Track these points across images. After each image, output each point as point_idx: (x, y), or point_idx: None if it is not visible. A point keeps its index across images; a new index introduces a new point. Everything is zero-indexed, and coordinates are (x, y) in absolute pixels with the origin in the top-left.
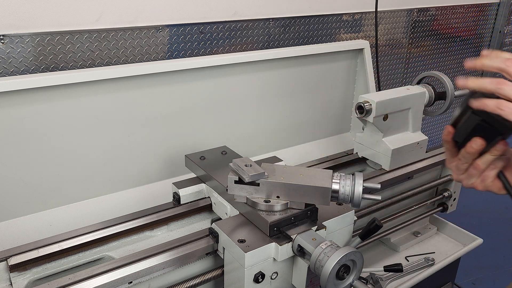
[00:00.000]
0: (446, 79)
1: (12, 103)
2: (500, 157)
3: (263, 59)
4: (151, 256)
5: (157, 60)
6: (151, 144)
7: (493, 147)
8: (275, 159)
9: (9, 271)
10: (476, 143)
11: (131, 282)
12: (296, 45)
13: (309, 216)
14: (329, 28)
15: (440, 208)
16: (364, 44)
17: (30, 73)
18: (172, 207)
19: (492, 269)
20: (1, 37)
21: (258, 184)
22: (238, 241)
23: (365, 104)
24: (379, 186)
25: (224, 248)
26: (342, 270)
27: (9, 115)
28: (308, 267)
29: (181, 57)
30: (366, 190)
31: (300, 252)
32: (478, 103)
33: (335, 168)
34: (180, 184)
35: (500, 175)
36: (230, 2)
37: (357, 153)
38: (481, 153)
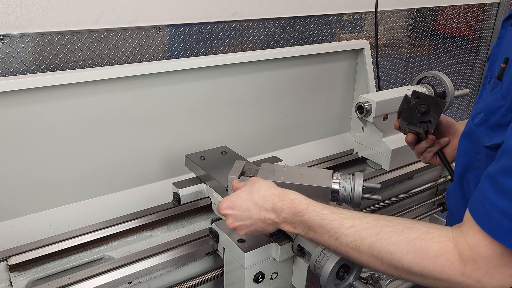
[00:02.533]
0: (446, 79)
1: (12, 103)
2: (437, 143)
3: (263, 59)
4: (151, 256)
5: (157, 60)
6: (151, 144)
7: (425, 139)
8: (275, 159)
9: (9, 271)
10: (408, 138)
11: (131, 282)
12: (296, 45)
13: None
14: (329, 28)
15: (440, 208)
16: (364, 44)
17: (30, 73)
18: (172, 207)
19: None
20: (1, 37)
21: None
22: (238, 241)
23: (365, 104)
24: (379, 186)
25: (224, 248)
26: (342, 270)
27: (9, 115)
28: (308, 267)
29: (181, 57)
30: (366, 190)
31: (300, 252)
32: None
33: (335, 168)
34: (180, 184)
35: (439, 153)
36: (230, 2)
37: (357, 153)
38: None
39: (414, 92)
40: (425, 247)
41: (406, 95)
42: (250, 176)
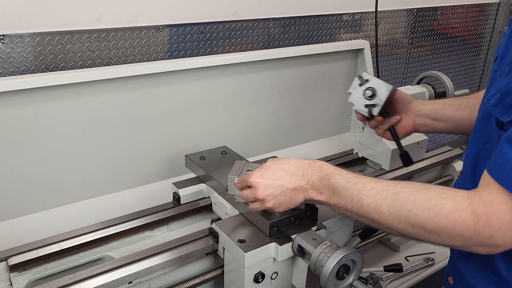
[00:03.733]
0: (446, 79)
1: (12, 103)
2: (388, 120)
3: (263, 59)
4: (151, 256)
5: (157, 60)
6: (151, 144)
7: (373, 119)
8: None
9: (9, 271)
10: (358, 117)
11: (131, 282)
12: (296, 45)
13: (309, 216)
14: (329, 28)
15: None
16: (364, 44)
17: (30, 73)
18: (172, 207)
19: None
20: (1, 37)
21: None
22: (238, 241)
23: None
24: None
25: (224, 248)
26: (342, 270)
27: (9, 115)
28: (308, 267)
29: (181, 57)
30: None
31: (300, 252)
32: None
33: None
34: (180, 184)
35: (390, 129)
36: (230, 2)
37: (357, 153)
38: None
39: (364, 74)
40: (440, 204)
41: (356, 77)
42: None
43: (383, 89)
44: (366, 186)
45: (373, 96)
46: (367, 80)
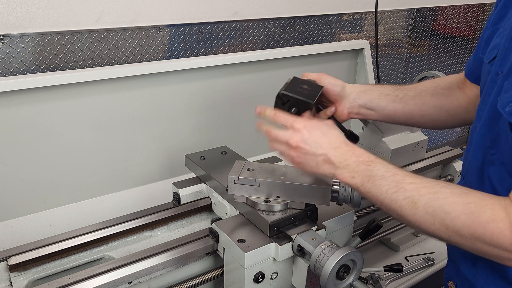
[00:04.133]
0: None
1: (12, 103)
2: (323, 113)
3: (263, 59)
4: (151, 256)
5: (157, 60)
6: (151, 144)
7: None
8: (275, 159)
9: (9, 271)
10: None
11: (131, 282)
12: (296, 45)
13: (309, 216)
14: (329, 28)
15: None
16: (364, 44)
17: (30, 73)
18: (172, 207)
19: None
20: (1, 37)
21: (258, 185)
22: (238, 241)
23: None
24: None
25: (224, 248)
26: (342, 270)
27: (9, 115)
28: (308, 267)
29: (181, 57)
30: None
31: (300, 252)
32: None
33: None
34: (180, 184)
35: (331, 118)
36: (230, 2)
37: None
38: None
39: (283, 95)
40: (478, 211)
41: (277, 96)
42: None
43: (306, 105)
44: (405, 179)
45: (299, 113)
46: (288, 100)
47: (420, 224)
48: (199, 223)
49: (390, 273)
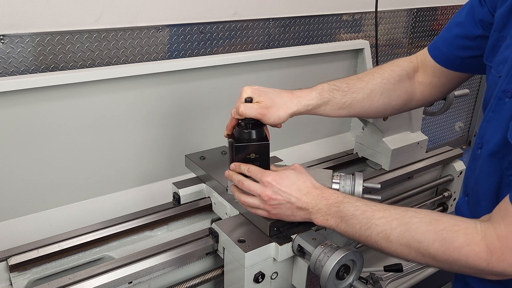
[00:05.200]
0: None
1: (12, 103)
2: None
3: (263, 59)
4: (151, 256)
5: (157, 60)
6: (151, 144)
7: None
8: (275, 159)
9: (9, 271)
10: None
11: (131, 282)
12: (296, 45)
13: None
14: (329, 28)
15: (440, 208)
16: (364, 44)
17: (30, 73)
18: (172, 207)
19: None
20: (1, 37)
21: None
22: (238, 241)
23: None
24: (379, 186)
25: (224, 248)
26: (342, 270)
27: (9, 115)
28: (308, 267)
29: (181, 57)
30: (366, 190)
31: (300, 252)
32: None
33: (335, 168)
34: (180, 184)
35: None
36: (230, 2)
37: (357, 153)
38: None
39: (236, 148)
40: (451, 237)
41: (229, 144)
42: None
43: (263, 148)
44: (375, 215)
45: (257, 159)
46: (244, 150)
47: (398, 255)
48: (199, 223)
49: (390, 273)
